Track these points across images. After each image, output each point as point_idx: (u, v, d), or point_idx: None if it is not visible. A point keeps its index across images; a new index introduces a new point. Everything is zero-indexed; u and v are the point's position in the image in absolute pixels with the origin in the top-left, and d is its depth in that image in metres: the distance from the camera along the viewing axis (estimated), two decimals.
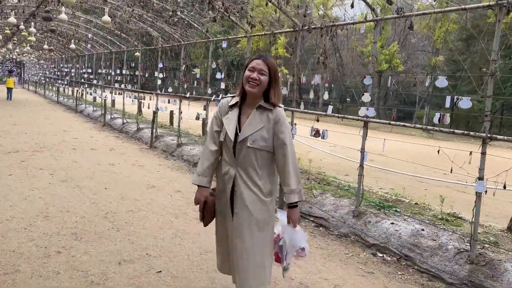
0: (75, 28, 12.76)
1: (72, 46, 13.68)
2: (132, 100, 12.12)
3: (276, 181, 2.56)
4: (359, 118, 4.99)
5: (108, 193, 5.66)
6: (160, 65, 10.13)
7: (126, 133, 11.97)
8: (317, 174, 7.14)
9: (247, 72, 2.42)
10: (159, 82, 10.24)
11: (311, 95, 6.84)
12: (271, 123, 2.40)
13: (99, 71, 14.97)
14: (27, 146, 8.65)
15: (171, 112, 13.27)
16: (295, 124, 6.15)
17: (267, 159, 2.44)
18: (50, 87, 28.43)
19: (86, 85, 17.42)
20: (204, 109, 8.80)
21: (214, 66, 9.53)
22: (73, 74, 19.33)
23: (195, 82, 9.27)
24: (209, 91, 8.55)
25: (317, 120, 6.07)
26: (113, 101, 14.17)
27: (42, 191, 5.49)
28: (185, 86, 9.20)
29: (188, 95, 9.24)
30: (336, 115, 5.86)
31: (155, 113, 10.10)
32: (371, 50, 25.22)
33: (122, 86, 12.91)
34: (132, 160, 8.09)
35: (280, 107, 2.46)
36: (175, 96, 10.03)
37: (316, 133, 5.95)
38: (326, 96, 8.00)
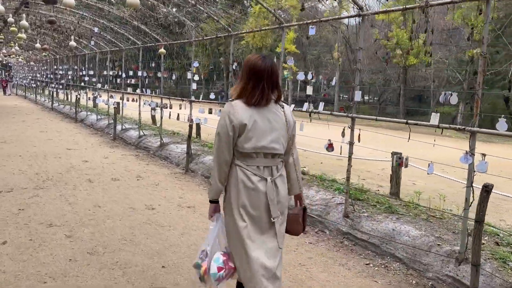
0: (79, 20, 10.32)
1: (72, 43, 11.24)
2: (154, 109, 9.74)
3: (230, 181, 2.39)
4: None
5: (174, 278, 3.34)
6: (196, 64, 7.80)
7: (146, 150, 9.60)
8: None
9: None
10: (193, 86, 7.90)
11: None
12: None
13: (105, 72, 12.51)
14: (25, 180, 6.26)
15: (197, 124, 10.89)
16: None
17: None
18: (41, 92, 25.78)
19: (87, 89, 14.95)
20: None
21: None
22: (70, 77, 16.82)
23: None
24: None
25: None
26: (116, 109, 11.74)
27: (62, 283, 3.16)
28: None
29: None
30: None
31: (191, 126, 7.76)
32: (396, 42, 22.97)
33: (138, 91, 10.49)
34: (174, 197, 5.77)
35: (229, 101, 2.37)
36: (215, 104, 7.72)
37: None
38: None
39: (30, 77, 28.67)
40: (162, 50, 8.49)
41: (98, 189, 6.00)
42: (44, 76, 23.17)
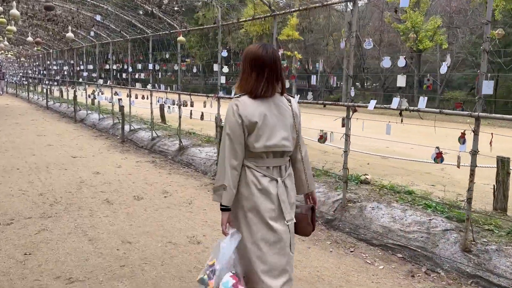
0: (78, 8, 8.94)
1: (70, 35, 9.89)
2: (170, 107, 8.47)
3: (241, 183, 2.21)
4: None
5: None
6: (224, 53, 6.54)
7: (162, 155, 8.37)
8: None
9: None
10: (222, 80, 6.65)
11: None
12: None
13: (107, 66, 11.16)
14: (28, 204, 5.03)
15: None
16: None
17: None
18: (34, 89, 24.28)
19: (86, 86, 13.60)
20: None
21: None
22: (65, 73, 15.42)
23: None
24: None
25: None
26: (122, 107, 10.50)
27: None
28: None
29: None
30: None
31: (219, 126, 6.53)
32: (409, 26, 21.71)
33: (149, 86, 9.20)
34: (217, 221, 4.58)
35: (236, 97, 2.21)
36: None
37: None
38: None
39: (20, 74, 27.10)
40: (181, 38, 7.18)
41: (120, 214, 4.79)
42: (37, 73, 21.68)
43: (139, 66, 9.49)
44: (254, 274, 2.18)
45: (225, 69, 6.63)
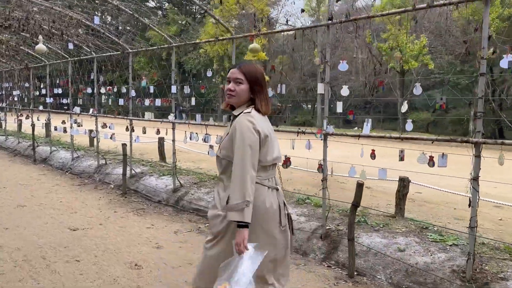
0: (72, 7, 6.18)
1: (40, 47, 7.07)
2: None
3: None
4: None
5: None
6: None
7: (202, 215, 5.86)
8: None
9: (226, 85, 2.35)
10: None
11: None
12: (232, 131, 2.26)
13: (102, 90, 8.28)
14: None
15: None
16: None
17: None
18: None
19: (49, 114, 10.54)
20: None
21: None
22: (16, 99, 12.08)
23: None
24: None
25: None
26: (124, 145, 7.86)
27: None
28: None
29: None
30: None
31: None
32: (392, 45, 20.85)
33: (171, 117, 6.68)
34: None
35: (244, 113, 2.26)
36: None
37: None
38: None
39: None
40: (255, 45, 4.94)
41: None
42: None
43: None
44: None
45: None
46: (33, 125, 10.78)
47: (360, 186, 3.84)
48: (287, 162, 4.88)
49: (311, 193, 6.07)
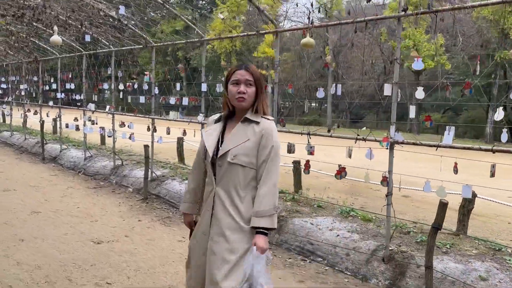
0: None
1: (56, 38, 6.51)
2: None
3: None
4: None
5: None
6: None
7: None
8: None
9: (231, 87, 2.17)
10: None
11: None
12: (257, 136, 2.13)
13: (106, 85, 7.74)
14: None
15: None
16: None
17: (252, 179, 2.15)
18: None
19: (59, 110, 9.96)
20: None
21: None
22: (23, 93, 11.51)
23: None
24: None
25: None
26: (146, 146, 7.29)
27: None
28: None
29: None
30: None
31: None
32: (406, 44, 20.26)
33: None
34: None
35: (268, 119, 2.20)
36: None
37: None
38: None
39: None
40: (308, 39, 4.39)
41: None
42: None
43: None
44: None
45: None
46: (42, 122, 10.21)
47: (443, 206, 3.29)
48: (341, 172, 4.33)
49: (347, 202, 5.52)
